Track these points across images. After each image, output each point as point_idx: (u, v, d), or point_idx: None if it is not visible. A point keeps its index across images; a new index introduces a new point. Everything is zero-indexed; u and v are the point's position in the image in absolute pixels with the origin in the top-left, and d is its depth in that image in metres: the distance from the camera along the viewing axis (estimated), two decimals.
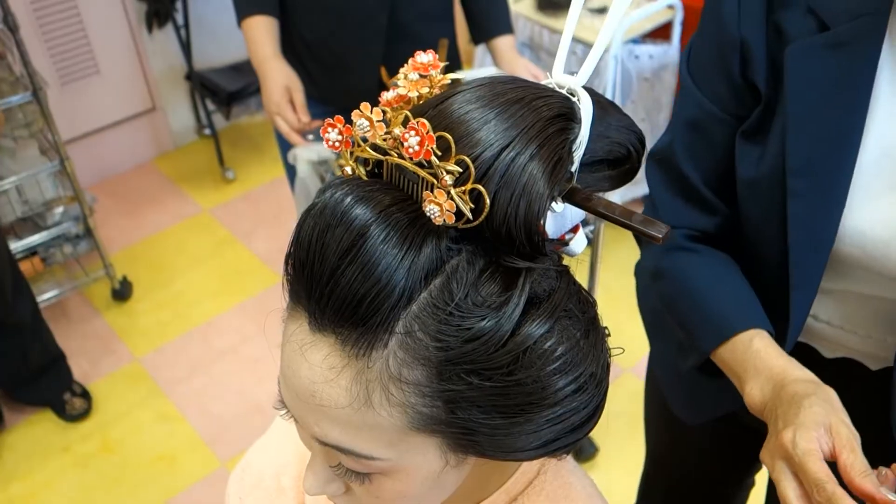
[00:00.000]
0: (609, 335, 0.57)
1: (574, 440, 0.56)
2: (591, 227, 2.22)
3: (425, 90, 0.54)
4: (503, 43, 1.88)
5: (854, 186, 0.81)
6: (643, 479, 1.49)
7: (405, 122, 0.49)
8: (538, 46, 2.81)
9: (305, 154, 1.74)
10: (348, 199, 0.50)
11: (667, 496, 1.42)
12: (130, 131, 3.30)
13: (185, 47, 3.08)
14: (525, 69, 1.84)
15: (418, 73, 0.54)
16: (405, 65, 0.55)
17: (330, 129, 0.53)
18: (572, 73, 0.55)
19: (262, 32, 1.71)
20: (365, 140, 0.52)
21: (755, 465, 1.27)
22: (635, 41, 2.64)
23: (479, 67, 2.89)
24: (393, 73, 1.77)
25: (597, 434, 2.21)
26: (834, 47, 0.78)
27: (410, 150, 0.49)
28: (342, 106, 1.80)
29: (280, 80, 1.68)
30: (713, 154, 0.92)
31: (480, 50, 2.86)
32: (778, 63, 0.83)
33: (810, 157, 0.81)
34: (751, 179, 0.88)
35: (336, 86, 1.81)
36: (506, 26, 1.89)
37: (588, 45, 2.55)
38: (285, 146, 1.92)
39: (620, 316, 2.57)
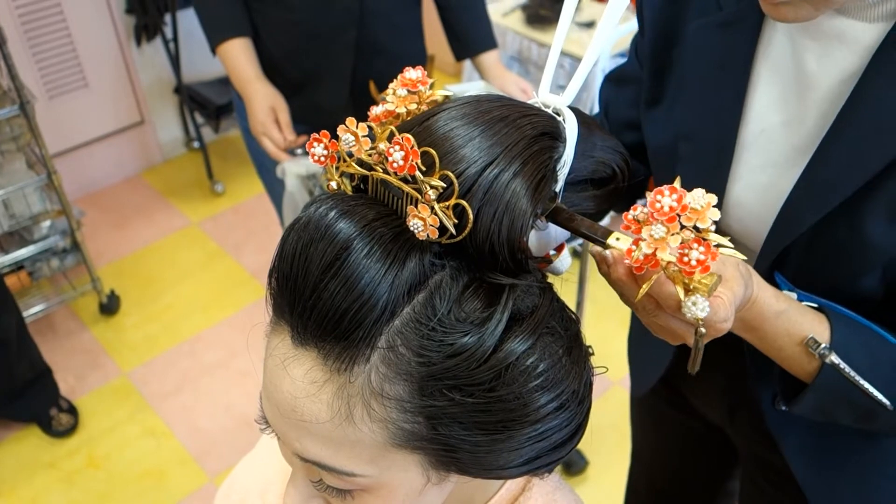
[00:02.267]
0: (593, 353, 0.57)
1: (556, 459, 0.56)
2: (580, 241, 2.23)
3: (413, 106, 0.54)
4: (490, 58, 1.88)
5: (737, 159, 0.84)
6: (628, 485, 1.52)
7: (390, 138, 0.50)
8: (527, 60, 2.82)
9: (294, 168, 1.74)
10: (332, 214, 0.50)
11: (653, 500, 1.45)
12: (119, 144, 3.29)
13: (174, 60, 3.08)
14: (514, 84, 1.85)
15: (407, 89, 0.54)
16: (393, 80, 0.55)
17: (315, 144, 0.53)
18: (560, 87, 0.55)
19: (242, 56, 1.71)
20: (350, 155, 0.52)
21: (733, 470, 1.30)
22: (623, 55, 2.66)
23: (469, 81, 2.90)
24: (365, 88, 1.76)
25: (587, 447, 2.21)
26: (723, 26, 0.82)
27: (395, 165, 0.49)
28: (313, 123, 1.79)
29: (265, 101, 1.68)
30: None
31: (469, 64, 2.87)
32: (672, 36, 0.87)
33: (698, 126, 0.86)
34: (656, 146, 0.92)
35: (305, 103, 1.80)
36: (491, 41, 1.89)
37: (576, 59, 2.56)
38: (261, 163, 1.92)
39: (609, 328, 2.58)
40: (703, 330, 0.53)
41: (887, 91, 0.69)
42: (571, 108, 0.55)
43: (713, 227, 0.49)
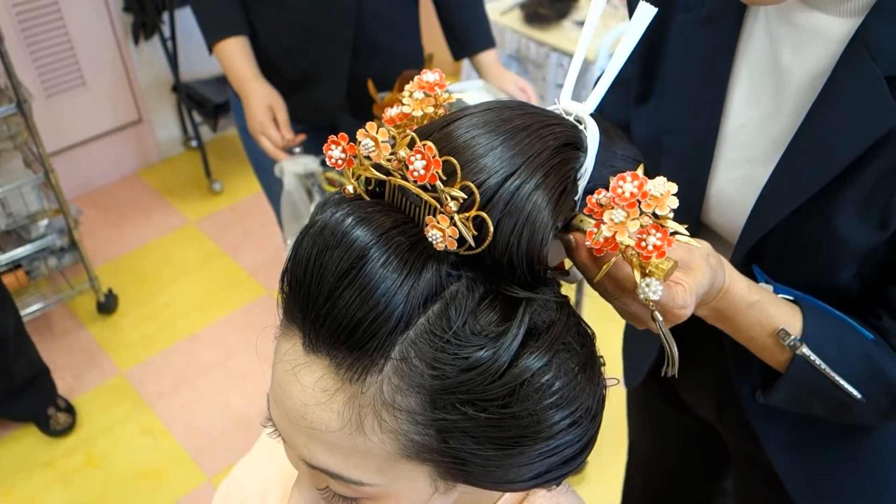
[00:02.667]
0: (604, 364, 0.57)
1: (565, 472, 0.55)
2: None
3: (430, 109, 0.54)
4: (488, 57, 1.88)
5: (718, 154, 0.85)
6: (625, 481, 1.53)
7: (411, 145, 0.49)
8: (525, 58, 2.82)
9: (292, 167, 1.73)
10: (349, 220, 0.49)
11: (650, 498, 1.45)
12: (116, 143, 3.28)
13: (172, 59, 3.07)
14: (512, 83, 1.84)
15: (424, 92, 0.54)
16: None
17: (333, 147, 0.52)
18: (558, 86, 0.55)
19: (240, 55, 1.70)
20: (368, 159, 0.51)
21: (729, 468, 1.30)
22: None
23: (467, 81, 2.90)
24: (363, 87, 1.75)
25: None
26: (704, 22, 0.83)
27: (415, 174, 0.48)
28: (310, 122, 1.79)
29: (263, 100, 1.68)
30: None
31: (467, 63, 2.86)
32: (661, 32, 0.88)
33: (681, 121, 0.87)
34: (642, 141, 0.93)
35: (303, 102, 1.79)
36: (489, 40, 1.89)
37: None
38: (259, 162, 1.92)
39: (609, 328, 2.58)
40: (658, 314, 0.56)
41: (856, 86, 0.70)
42: (593, 115, 0.55)
43: (671, 215, 0.50)
